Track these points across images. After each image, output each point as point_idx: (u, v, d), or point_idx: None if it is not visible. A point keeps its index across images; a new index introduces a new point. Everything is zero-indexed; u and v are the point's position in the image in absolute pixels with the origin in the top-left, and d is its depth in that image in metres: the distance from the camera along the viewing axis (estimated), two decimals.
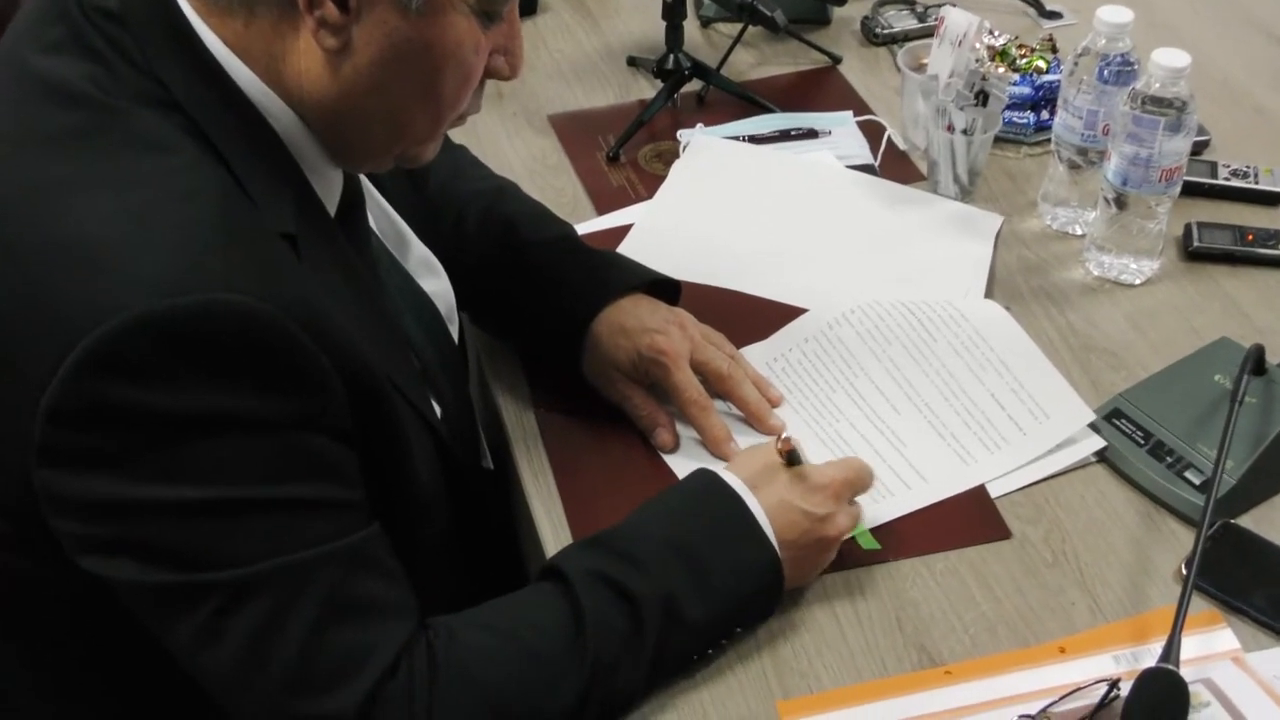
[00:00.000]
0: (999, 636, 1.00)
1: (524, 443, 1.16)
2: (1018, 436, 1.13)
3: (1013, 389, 1.16)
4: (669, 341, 1.14)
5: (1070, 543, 1.07)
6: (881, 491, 1.10)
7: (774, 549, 0.97)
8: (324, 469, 0.87)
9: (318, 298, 0.87)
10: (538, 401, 1.20)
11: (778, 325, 1.25)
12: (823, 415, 1.18)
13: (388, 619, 0.88)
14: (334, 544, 0.86)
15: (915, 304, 1.23)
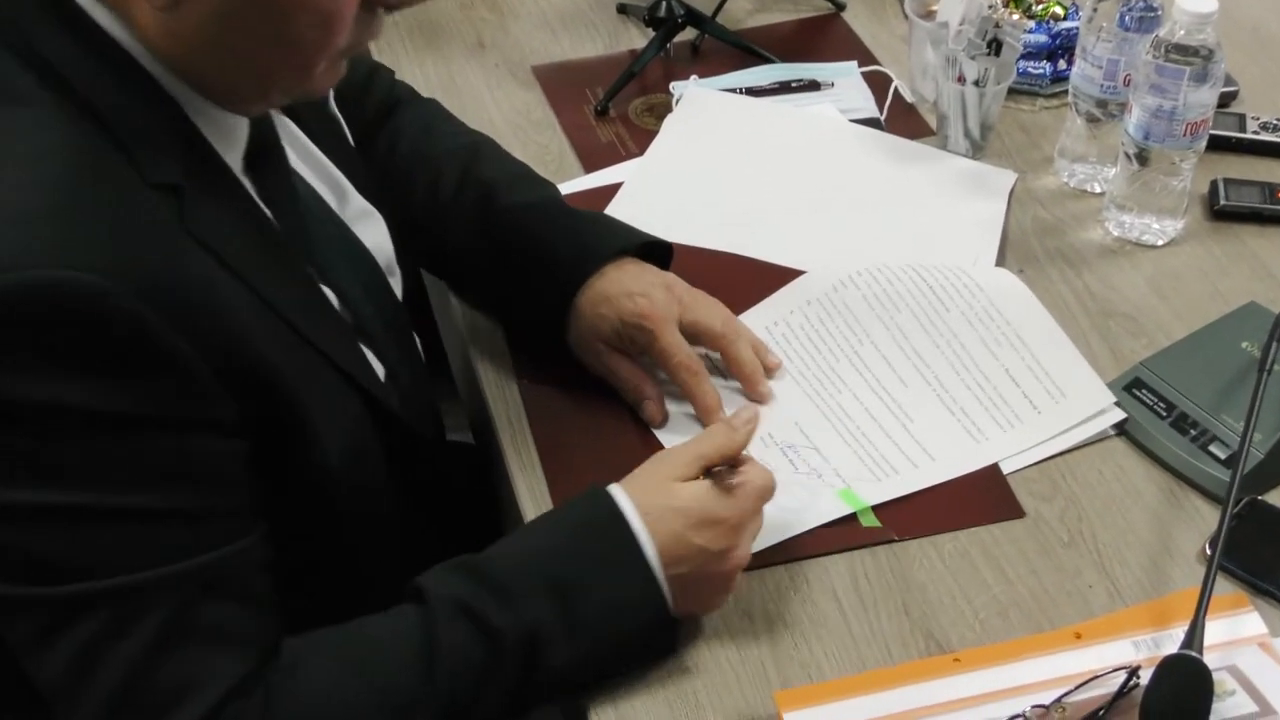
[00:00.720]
0: (1011, 622, 1.00)
1: (507, 417, 1.16)
2: (1032, 415, 1.13)
3: (1029, 365, 1.16)
4: (652, 305, 1.12)
5: (1087, 521, 1.07)
6: (885, 469, 1.10)
7: (658, 587, 0.94)
8: (179, 473, 0.84)
9: (190, 265, 0.84)
10: (521, 374, 1.19)
11: (776, 289, 1.24)
12: (824, 387, 1.17)
13: (228, 650, 0.86)
14: (183, 563, 0.84)
15: (927, 269, 1.23)
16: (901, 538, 1.05)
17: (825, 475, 1.09)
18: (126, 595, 0.83)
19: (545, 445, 1.13)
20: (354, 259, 1.06)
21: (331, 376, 0.95)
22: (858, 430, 1.13)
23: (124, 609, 0.83)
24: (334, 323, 0.98)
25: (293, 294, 0.93)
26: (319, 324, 0.95)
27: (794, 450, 1.11)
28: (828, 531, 1.05)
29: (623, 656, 0.95)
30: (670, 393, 1.14)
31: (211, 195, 0.89)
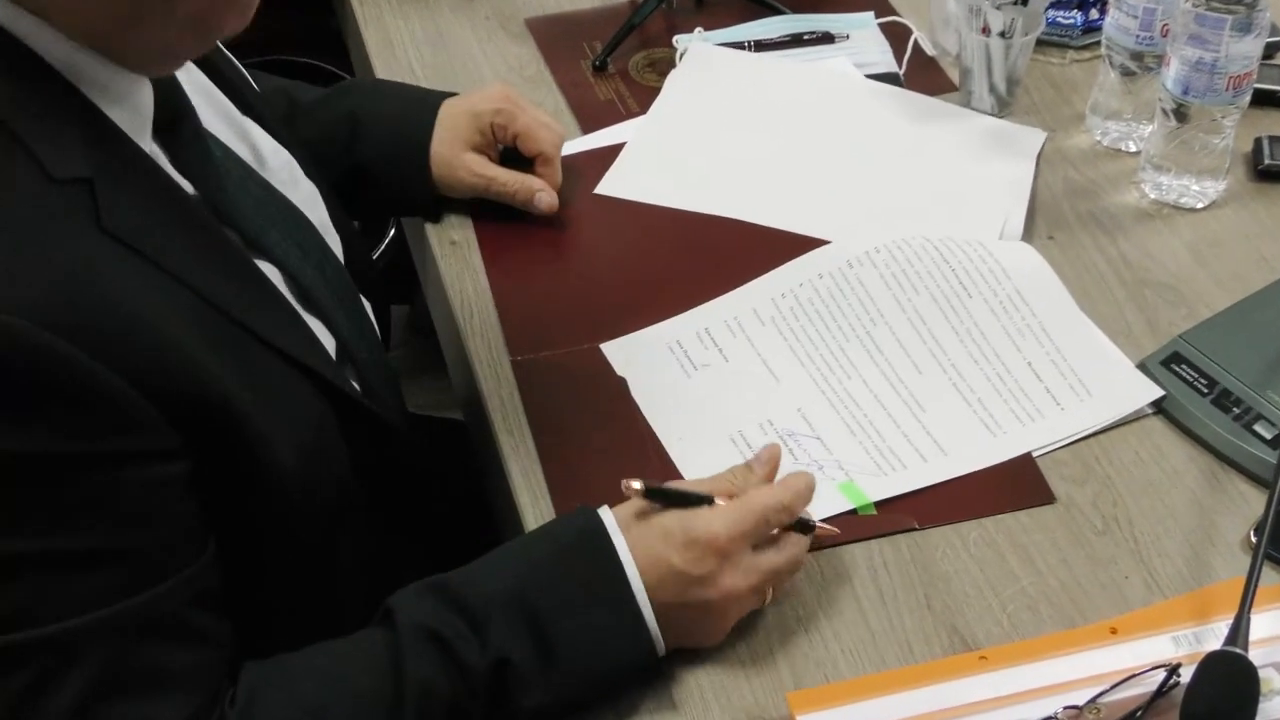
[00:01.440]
0: (1041, 616, 1.00)
1: (499, 396, 1.16)
2: (1054, 411, 1.12)
3: (1053, 360, 1.15)
4: (501, 89, 1.29)
5: (1123, 507, 1.06)
6: (892, 462, 1.09)
7: (642, 620, 0.92)
8: (109, 512, 0.82)
9: (111, 275, 0.81)
10: (515, 349, 1.19)
11: (787, 259, 1.24)
12: (832, 370, 1.17)
13: (171, 695, 0.84)
14: (116, 607, 0.82)
15: (950, 248, 1.22)
16: (923, 526, 1.05)
17: (826, 468, 1.08)
18: (55, 647, 0.81)
19: (540, 426, 1.12)
20: (286, 221, 1.04)
21: (277, 366, 0.93)
22: (865, 419, 1.12)
23: (53, 661, 0.81)
24: (273, 302, 0.96)
25: (224, 277, 0.90)
26: (257, 307, 0.92)
27: (794, 439, 1.11)
28: (844, 521, 1.05)
29: (602, 690, 0.94)
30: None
31: (124, 182, 0.85)
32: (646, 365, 1.16)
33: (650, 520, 0.95)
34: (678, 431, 1.11)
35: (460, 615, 0.91)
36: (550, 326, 1.19)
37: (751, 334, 1.19)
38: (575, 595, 0.92)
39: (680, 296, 1.21)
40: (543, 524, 1.01)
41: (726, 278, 1.22)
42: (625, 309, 1.21)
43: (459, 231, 1.31)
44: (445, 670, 0.89)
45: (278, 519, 0.93)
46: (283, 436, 0.91)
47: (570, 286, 1.24)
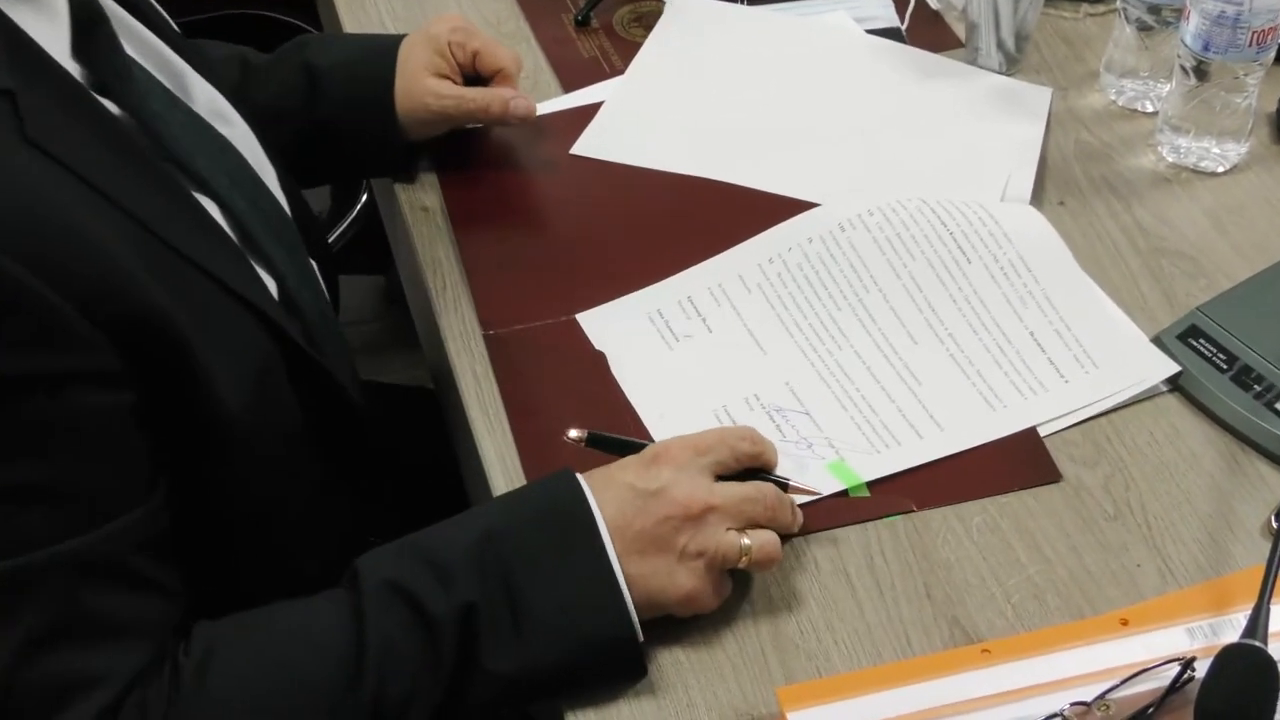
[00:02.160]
0: (1048, 606, 0.99)
1: (471, 371, 1.15)
2: (1058, 384, 1.12)
3: (1057, 330, 1.15)
4: (455, 15, 1.31)
5: (1136, 490, 1.06)
6: (885, 439, 1.09)
7: (615, 575, 0.92)
8: (50, 441, 0.81)
9: (39, 186, 0.81)
10: (488, 322, 1.19)
11: (776, 224, 1.23)
12: (822, 341, 1.16)
13: (119, 645, 0.85)
14: (57, 547, 0.82)
15: (948, 210, 1.21)
16: (921, 508, 1.05)
17: (816, 445, 1.08)
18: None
19: (514, 404, 1.12)
20: (214, 152, 1.04)
21: (218, 298, 0.92)
22: (857, 393, 1.12)
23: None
24: (210, 231, 0.96)
25: (157, 199, 0.91)
26: (194, 233, 0.92)
27: (782, 415, 1.10)
28: (837, 503, 1.05)
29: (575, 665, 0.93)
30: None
31: (47, 96, 0.86)
32: (625, 337, 1.16)
33: (614, 464, 0.97)
34: (658, 407, 1.11)
35: (428, 567, 0.91)
36: (524, 297, 1.19)
37: (737, 302, 1.18)
38: (546, 549, 0.93)
39: (662, 264, 1.21)
40: (516, 488, 1.03)
41: (711, 243, 1.22)
42: (603, 278, 1.20)
43: (430, 196, 1.31)
44: (410, 626, 0.90)
45: (225, 468, 0.93)
46: (226, 372, 0.91)
47: (545, 254, 1.24)
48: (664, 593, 0.94)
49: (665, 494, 0.94)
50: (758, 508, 0.97)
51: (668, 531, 0.94)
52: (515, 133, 1.34)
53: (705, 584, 0.95)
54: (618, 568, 0.92)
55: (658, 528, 0.94)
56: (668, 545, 0.94)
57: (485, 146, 1.34)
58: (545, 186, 1.31)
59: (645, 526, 0.94)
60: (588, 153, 1.33)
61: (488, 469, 1.08)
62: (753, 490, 0.97)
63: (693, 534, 0.94)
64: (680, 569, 0.94)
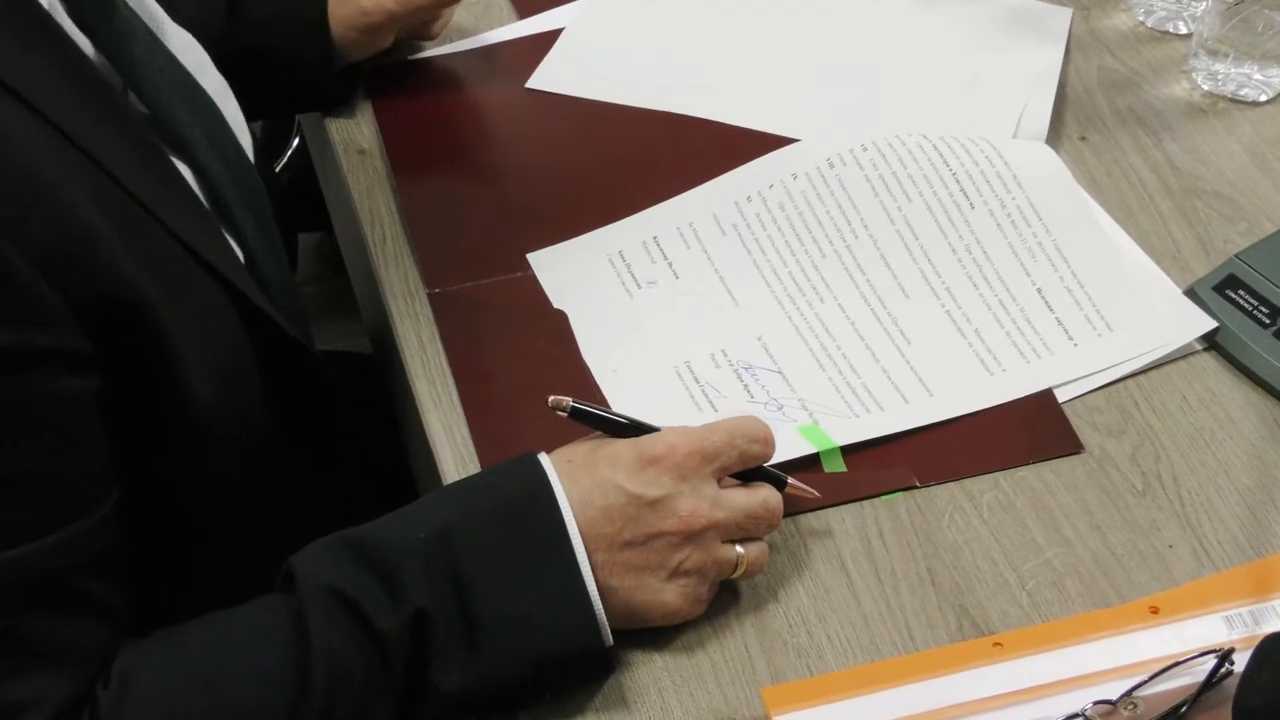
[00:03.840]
0: (1068, 593, 1.00)
1: (416, 337, 1.16)
2: (1065, 347, 1.12)
3: (1067, 286, 1.15)
4: None
5: (1167, 461, 1.07)
6: (866, 402, 1.09)
7: (580, 575, 0.92)
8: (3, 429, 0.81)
9: (8, 137, 0.81)
10: (433, 279, 1.19)
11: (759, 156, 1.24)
12: (801, 290, 1.17)
13: (53, 668, 0.84)
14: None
15: (952, 147, 1.21)
16: (924, 483, 1.05)
17: (788, 407, 1.08)
18: None
19: (464, 372, 1.12)
20: (192, 101, 1.04)
21: (189, 267, 0.93)
22: (837, 351, 1.12)
23: None
24: (181, 191, 0.96)
25: (128, 151, 0.91)
26: (164, 193, 0.93)
27: (751, 372, 1.11)
28: (828, 479, 1.05)
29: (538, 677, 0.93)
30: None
31: (6, 22, 0.86)
32: (581, 281, 1.17)
33: (598, 451, 0.95)
34: (611, 361, 1.11)
35: (372, 571, 0.91)
36: (474, 251, 1.19)
37: (709, 244, 1.19)
38: (506, 552, 0.92)
39: (629, 212, 1.21)
40: (475, 473, 1.02)
41: (681, 182, 1.22)
42: (563, 228, 1.21)
43: (367, 137, 1.31)
44: (356, 637, 0.89)
45: (192, 460, 0.93)
46: (197, 352, 0.91)
47: (498, 202, 1.24)
48: (647, 609, 0.95)
49: (665, 506, 0.94)
50: (760, 525, 0.97)
51: (663, 548, 0.94)
52: (463, 64, 1.34)
53: (692, 600, 0.95)
54: (589, 576, 0.92)
55: (652, 543, 0.94)
56: (660, 563, 0.94)
57: (429, 80, 1.34)
58: (497, 125, 1.30)
59: (636, 539, 0.93)
60: (545, 86, 1.33)
61: (434, 444, 1.08)
62: (759, 507, 0.96)
63: (690, 552, 0.94)
64: (669, 587, 0.94)
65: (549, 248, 1.19)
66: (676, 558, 0.94)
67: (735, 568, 0.96)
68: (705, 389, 1.10)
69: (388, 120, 1.30)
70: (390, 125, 1.30)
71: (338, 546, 0.93)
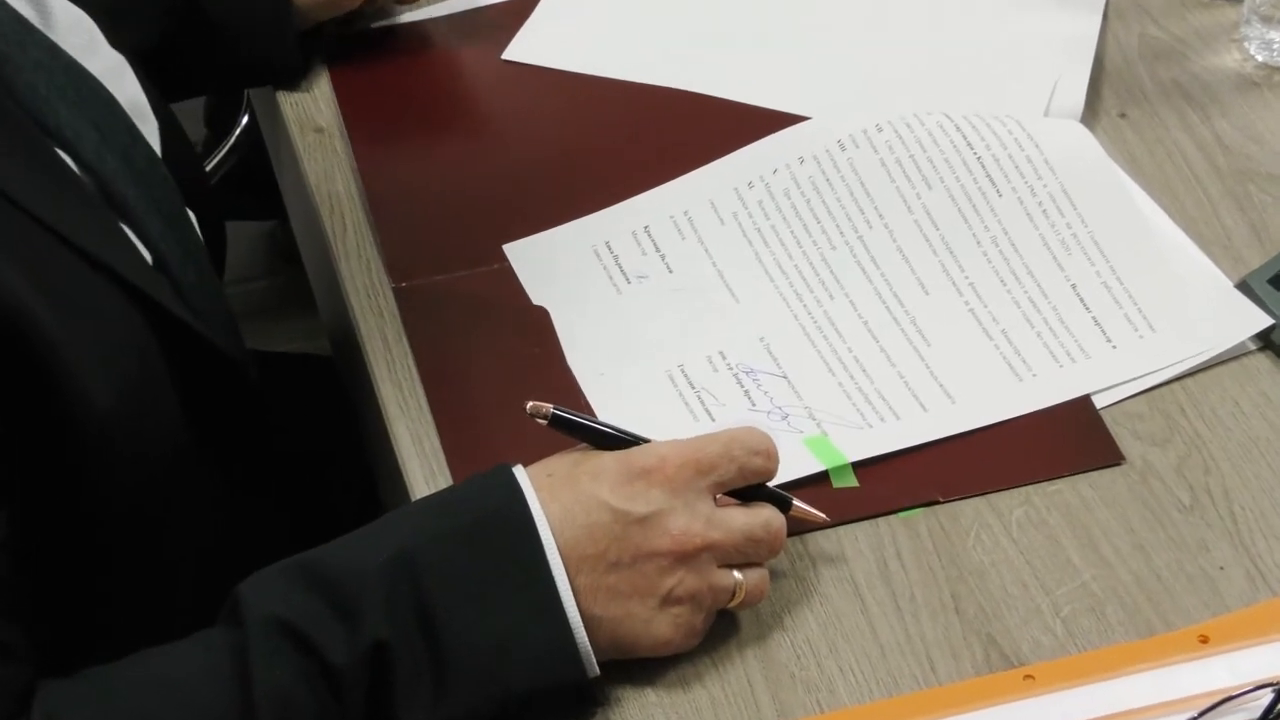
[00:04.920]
0: (1107, 621, 1.00)
1: (380, 335, 1.16)
2: (1103, 350, 1.13)
3: (1105, 282, 1.15)
4: None
5: (1217, 473, 1.07)
6: (881, 411, 1.10)
7: (559, 597, 0.92)
8: None
9: None
10: (398, 273, 1.19)
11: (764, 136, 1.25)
12: (809, 286, 1.17)
13: None
14: None
15: (976, 127, 1.22)
16: (947, 499, 1.05)
17: (794, 416, 1.08)
18: None
19: (433, 375, 1.12)
20: (81, 95, 1.04)
21: (85, 275, 0.93)
22: (849, 354, 1.12)
23: None
24: (73, 193, 0.96)
25: (15, 159, 0.91)
26: (53, 196, 0.93)
27: (753, 377, 1.11)
28: (840, 494, 1.05)
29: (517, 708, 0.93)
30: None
31: None
32: (563, 276, 1.17)
33: (581, 465, 0.95)
34: (597, 364, 1.11)
35: (325, 600, 0.90)
36: (445, 241, 1.19)
37: (706, 235, 1.19)
38: (475, 576, 0.92)
39: (616, 197, 1.21)
40: (442, 489, 1.02)
41: (678, 171, 1.22)
42: (543, 215, 1.21)
43: (325, 114, 1.31)
44: (307, 675, 0.89)
45: (93, 481, 0.93)
46: (95, 366, 0.91)
47: (471, 186, 1.24)
48: (636, 639, 0.95)
49: (655, 524, 0.93)
50: (761, 549, 0.97)
51: (652, 571, 0.94)
52: (433, 32, 1.34)
53: (686, 631, 0.95)
54: (570, 602, 0.92)
55: (640, 565, 0.93)
56: (650, 588, 0.94)
57: (394, 50, 1.34)
58: (471, 100, 1.31)
59: (623, 560, 0.93)
60: (524, 58, 1.33)
61: (401, 457, 1.08)
62: (759, 529, 0.96)
63: (683, 576, 0.94)
64: (660, 616, 0.94)
65: (528, 238, 1.19)
66: (668, 582, 0.94)
67: (733, 596, 0.96)
68: (702, 395, 1.10)
69: (348, 94, 1.30)
70: (351, 100, 1.30)
71: (288, 572, 0.92)
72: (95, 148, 1.00)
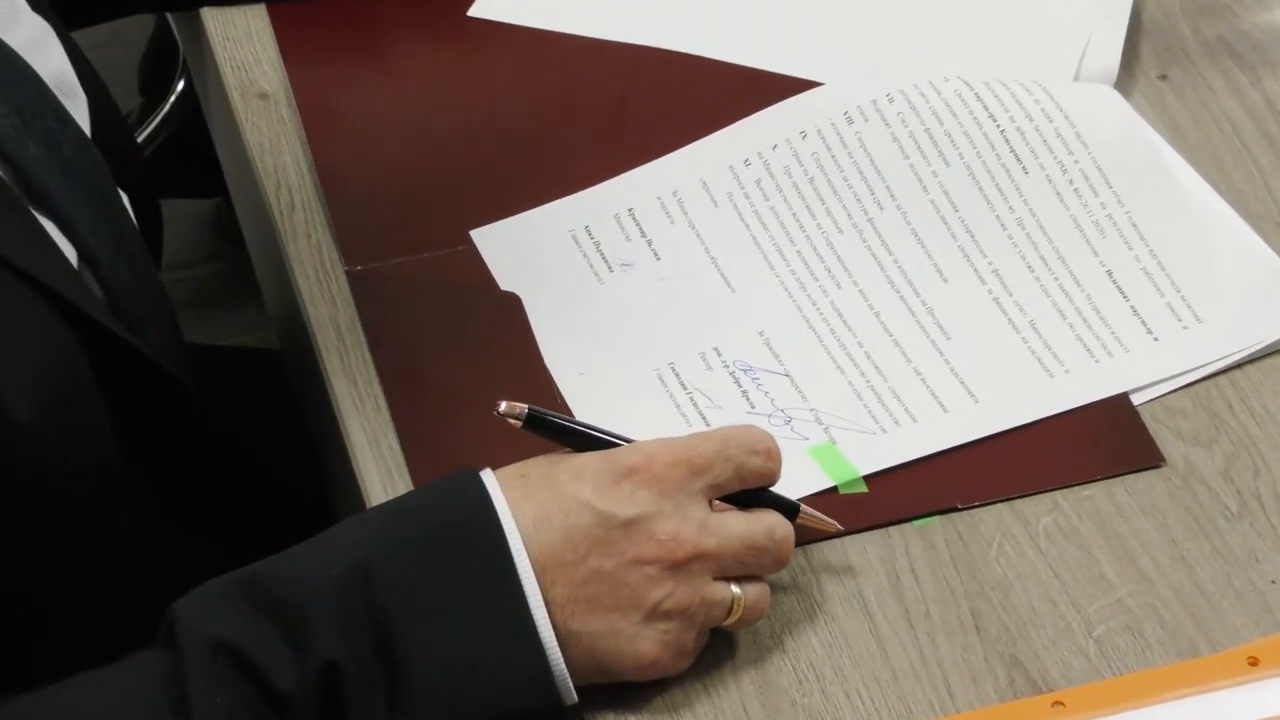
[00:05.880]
0: (1145, 640, 1.00)
1: (333, 325, 1.16)
2: (1144, 343, 1.13)
3: (1145, 268, 1.16)
4: None
5: (1269, 477, 1.07)
6: (895, 414, 1.10)
7: (530, 616, 0.91)
8: None
9: None
10: (352, 256, 1.19)
11: (756, 111, 1.24)
12: (815, 275, 1.17)
13: None
14: None
15: (999, 95, 1.22)
16: (966, 505, 1.05)
17: (798, 421, 1.09)
18: None
19: (391, 369, 1.12)
20: (7, 83, 1.03)
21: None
22: (859, 349, 1.13)
23: None
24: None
25: None
26: None
27: (752, 376, 1.11)
28: (846, 500, 1.05)
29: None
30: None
31: None
32: (539, 264, 1.17)
33: (560, 464, 0.95)
34: (577, 362, 1.11)
35: (269, 618, 0.90)
36: (405, 220, 1.19)
37: (698, 218, 1.19)
38: (436, 589, 0.92)
39: (596, 171, 1.21)
40: (401, 494, 1.02)
41: (665, 142, 1.22)
42: (513, 190, 1.21)
43: (271, 78, 1.31)
44: (250, 701, 0.89)
45: (13, 494, 0.93)
46: (12, 378, 0.91)
47: (434, 159, 1.25)
48: (618, 659, 0.94)
49: (642, 528, 0.93)
50: (765, 559, 0.96)
51: (638, 581, 0.93)
52: None
53: (675, 650, 0.95)
54: (543, 617, 0.91)
55: (624, 574, 0.93)
56: (635, 600, 0.93)
57: (348, 6, 1.34)
58: (433, 62, 1.31)
59: (605, 568, 0.93)
60: (494, 15, 1.33)
61: (356, 460, 1.09)
62: (762, 536, 0.96)
63: (672, 588, 0.94)
64: (646, 631, 0.94)
65: (497, 223, 1.19)
66: (655, 595, 0.93)
67: (729, 612, 0.96)
68: (694, 397, 1.10)
69: (296, 55, 1.30)
70: (299, 62, 1.29)
71: (230, 588, 0.92)
72: (16, 135, 1.00)
